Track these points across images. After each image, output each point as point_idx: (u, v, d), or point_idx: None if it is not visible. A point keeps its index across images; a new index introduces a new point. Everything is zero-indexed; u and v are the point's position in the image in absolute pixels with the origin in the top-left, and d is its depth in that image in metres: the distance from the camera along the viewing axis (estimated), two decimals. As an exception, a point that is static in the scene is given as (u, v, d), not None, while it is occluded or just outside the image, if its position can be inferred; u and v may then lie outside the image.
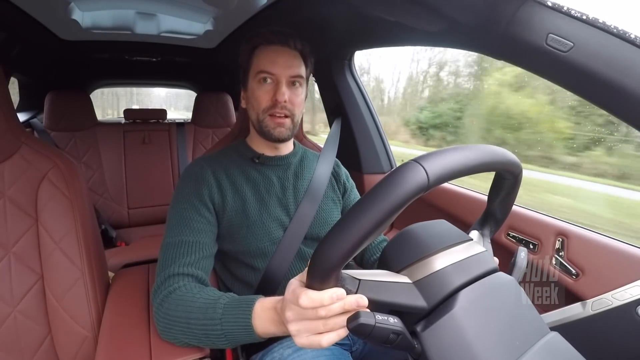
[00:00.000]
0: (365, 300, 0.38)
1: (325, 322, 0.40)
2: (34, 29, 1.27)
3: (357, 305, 0.38)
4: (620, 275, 0.65)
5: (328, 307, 0.38)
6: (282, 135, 0.73)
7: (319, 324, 0.40)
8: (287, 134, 0.73)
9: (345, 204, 0.87)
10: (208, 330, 0.53)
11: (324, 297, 0.38)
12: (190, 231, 0.65)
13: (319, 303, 0.38)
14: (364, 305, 0.38)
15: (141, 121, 2.00)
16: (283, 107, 0.71)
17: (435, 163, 0.34)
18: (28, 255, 0.67)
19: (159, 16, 1.28)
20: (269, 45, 0.72)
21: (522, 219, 0.85)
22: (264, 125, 0.72)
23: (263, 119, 0.72)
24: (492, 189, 0.52)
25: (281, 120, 0.72)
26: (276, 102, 0.70)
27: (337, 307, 0.38)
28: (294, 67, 0.72)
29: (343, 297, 0.38)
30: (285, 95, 0.70)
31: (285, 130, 0.73)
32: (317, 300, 0.38)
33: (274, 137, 0.73)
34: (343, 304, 0.38)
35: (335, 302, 0.38)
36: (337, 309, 0.38)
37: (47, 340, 0.69)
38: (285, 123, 0.72)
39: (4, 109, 0.66)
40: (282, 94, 0.70)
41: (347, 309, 0.38)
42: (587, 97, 0.55)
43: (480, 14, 0.61)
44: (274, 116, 0.71)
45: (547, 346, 0.40)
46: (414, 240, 0.46)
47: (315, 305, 0.38)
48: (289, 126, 0.73)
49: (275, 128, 0.72)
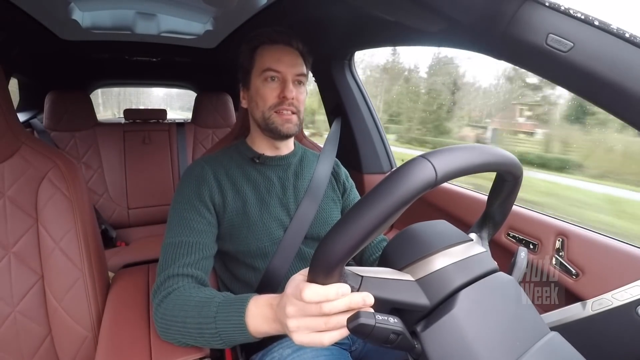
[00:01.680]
0: (372, 299, 0.38)
1: (328, 319, 0.39)
2: (34, 29, 1.27)
3: (363, 303, 0.37)
4: (620, 275, 0.65)
5: (332, 304, 0.37)
6: (290, 130, 0.74)
7: (321, 322, 0.39)
8: (294, 130, 0.75)
9: (345, 203, 0.87)
10: (203, 329, 0.52)
11: (329, 292, 0.37)
12: (190, 232, 0.65)
13: (324, 297, 0.37)
14: (370, 303, 0.37)
15: (141, 121, 2.00)
16: (290, 104, 0.72)
17: (443, 160, 0.34)
18: (28, 255, 0.67)
19: (159, 16, 1.28)
20: (272, 44, 0.73)
21: (522, 219, 0.85)
22: (271, 122, 0.73)
23: (269, 116, 0.73)
24: (492, 190, 0.52)
25: (289, 117, 0.73)
26: (284, 99, 0.71)
27: (342, 304, 0.37)
28: (298, 65, 0.74)
29: (348, 294, 0.37)
30: (293, 93, 0.71)
31: (293, 126, 0.74)
32: (322, 294, 0.37)
33: (283, 132, 0.73)
34: (349, 301, 0.37)
35: (340, 297, 0.37)
36: (341, 306, 0.38)
37: (47, 340, 0.69)
38: (293, 119, 0.73)
39: (4, 109, 0.66)
40: (291, 91, 0.71)
41: (353, 306, 0.37)
42: (587, 97, 0.55)
43: (480, 14, 0.61)
44: (280, 112, 0.72)
45: (547, 346, 0.40)
46: (415, 239, 0.46)
47: (320, 300, 0.38)
48: (296, 122, 0.74)
49: (284, 124, 0.73)
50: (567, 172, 1.96)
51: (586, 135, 1.83)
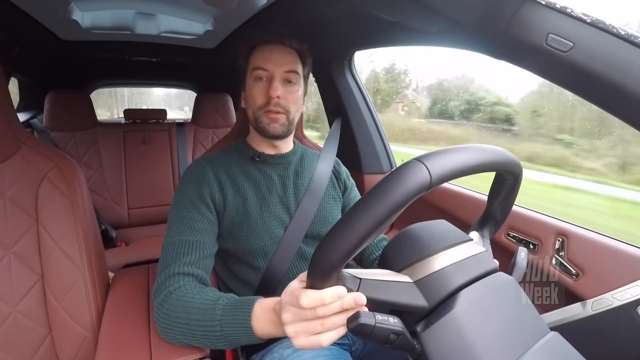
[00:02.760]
0: (364, 299, 0.38)
1: (323, 321, 0.39)
2: (34, 29, 1.27)
3: (355, 303, 0.38)
4: (620, 275, 0.65)
5: (327, 306, 0.38)
6: (275, 130, 0.72)
7: (317, 324, 0.40)
8: (281, 130, 0.73)
9: (345, 202, 0.87)
10: (208, 331, 0.53)
11: (325, 296, 0.38)
12: (191, 231, 0.65)
13: (320, 302, 0.38)
14: (362, 303, 0.38)
15: (141, 121, 2.00)
16: (276, 103, 0.70)
17: (438, 162, 0.34)
18: (28, 255, 0.67)
19: (159, 16, 1.28)
20: (265, 44, 0.73)
21: (522, 219, 0.85)
22: (260, 122, 0.73)
23: (258, 116, 0.73)
24: (492, 190, 0.52)
25: (275, 116, 0.71)
26: (269, 98, 0.70)
27: (336, 305, 0.38)
28: (287, 62, 0.72)
29: (344, 296, 0.38)
30: (278, 91, 0.70)
31: (279, 126, 0.72)
32: (317, 299, 0.38)
33: (269, 133, 0.73)
34: (342, 303, 0.38)
35: (336, 300, 0.38)
36: (335, 308, 0.38)
37: (47, 340, 0.69)
38: (280, 119, 0.72)
39: (4, 109, 0.66)
40: (275, 89, 0.70)
41: (346, 307, 0.38)
42: (587, 97, 0.54)
43: (480, 14, 0.61)
44: (269, 112, 0.71)
45: (547, 346, 0.40)
46: (415, 240, 0.46)
47: (316, 305, 0.38)
48: (283, 122, 0.73)
49: (270, 124, 0.72)
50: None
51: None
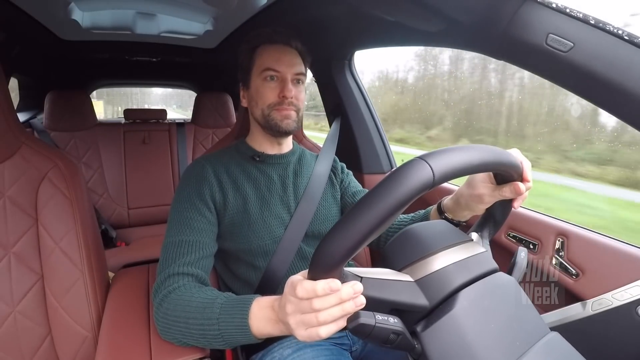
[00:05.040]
0: (361, 287, 0.38)
1: (317, 314, 0.39)
2: (34, 29, 1.27)
3: (353, 292, 0.38)
4: (620, 275, 0.65)
5: (323, 298, 0.38)
6: (289, 126, 0.74)
7: (313, 317, 0.40)
8: (294, 126, 0.75)
9: (346, 192, 0.87)
10: (205, 330, 0.53)
11: (317, 288, 0.38)
12: (191, 230, 0.65)
13: (313, 293, 0.38)
14: (360, 290, 0.38)
15: (141, 121, 1.99)
16: (290, 102, 0.73)
17: (441, 161, 0.34)
18: (28, 255, 0.67)
19: (158, 16, 1.28)
20: (272, 44, 0.74)
21: (522, 219, 0.85)
22: (271, 119, 0.74)
23: (269, 113, 0.74)
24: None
25: (288, 112, 0.74)
26: (284, 98, 0.72)
27: (334, 298, 0.38)
28: (297, 65, 0.75)
29: (337, 289, 0.38)
30: (293, 92, 0.73)
31: (292, 122, 0.75)
32: (310, 290, 0.38)
33: (282, 128, 0.74)
34: (340, 295, 0.38)
35: (328, 292, 0.38)
36: (333, 300, 0.38)
37: (47, 340, 0.69)
38: (292, 115, 0.74)
39: (4, 109, 0.66)
40: (290, 90, 0.72)
41: (345, 297, 0.38)
42: (587, 97, 0.55)
43: (480, 14, 0.61)
44: (280, 110, 0.73)
45: (547, 346, 0.40)
46: (415, 240, 0.46)
47: (309, 296, 0.38)
48: (295, 118, 0.75)
49: (283, 120, 0.73)
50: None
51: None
